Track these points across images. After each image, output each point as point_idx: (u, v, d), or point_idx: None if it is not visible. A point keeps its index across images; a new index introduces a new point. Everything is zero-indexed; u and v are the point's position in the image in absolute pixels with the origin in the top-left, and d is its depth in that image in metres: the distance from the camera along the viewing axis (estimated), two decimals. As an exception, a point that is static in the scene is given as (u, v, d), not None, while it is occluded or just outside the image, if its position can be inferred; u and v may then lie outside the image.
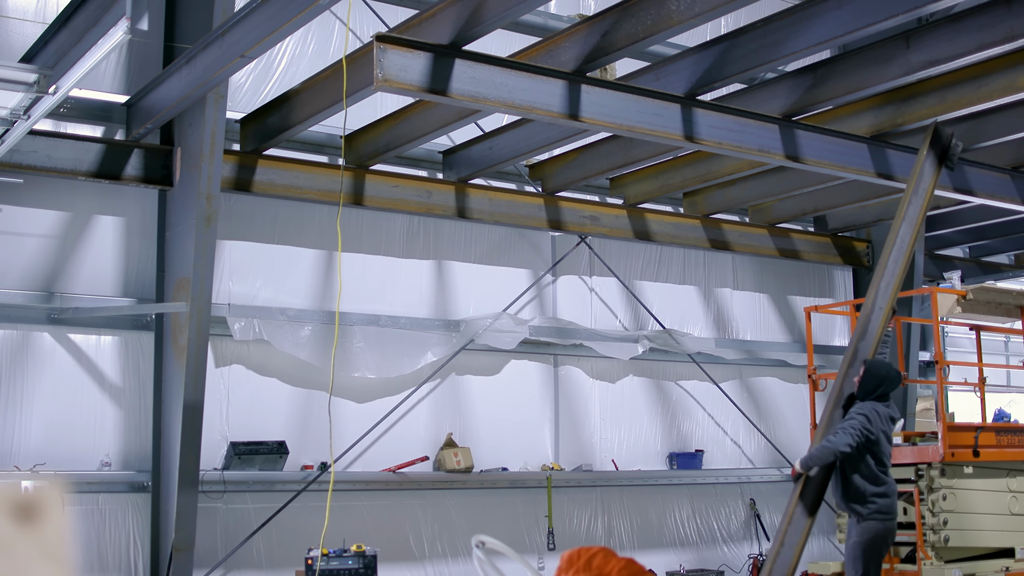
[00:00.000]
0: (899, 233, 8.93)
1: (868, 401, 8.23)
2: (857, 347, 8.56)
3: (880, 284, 8.70)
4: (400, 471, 11.10)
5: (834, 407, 8.41)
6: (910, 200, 9.01)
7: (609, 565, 2.65)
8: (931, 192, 9.10)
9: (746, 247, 13.69)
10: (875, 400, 8.23)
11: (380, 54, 7.36)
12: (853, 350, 8.54)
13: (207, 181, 9.20)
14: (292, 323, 10.69)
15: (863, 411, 8.12)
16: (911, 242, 8.90)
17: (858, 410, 8.16)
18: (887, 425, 8.21)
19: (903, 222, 8.95)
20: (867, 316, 8.66)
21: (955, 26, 8.34)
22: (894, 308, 8.90)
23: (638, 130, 8.73)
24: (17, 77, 6.95)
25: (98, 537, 9.62)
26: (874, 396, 8.24)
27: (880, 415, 8.16)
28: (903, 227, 8.94)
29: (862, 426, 8.01)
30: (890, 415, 8.28)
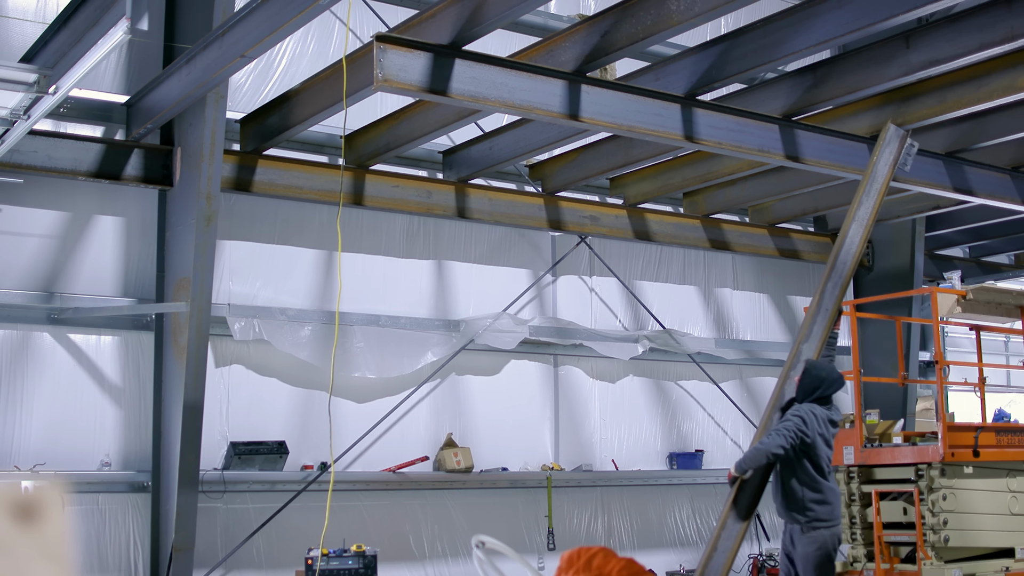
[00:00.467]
0: (848, 234, 8.60)
1: (807, 403, 7.89)
2: (800, 349, 8.28)
3: (827, 286, 8.41)
4: (400, 471, 11.10)
5: (773, 409, 8.15)
6: (861, 201, 8.67)
7: (609, 565, 2.65)
8: (883, 193, 8.77)
9: (746, 247, 13.70)
10: (815, 402, 7.88)
11: (380, 54, 7.36)
12: (795, 351, 8.28)
13: (207, 181, 9.20)
14: (292, 323, 10.69)
15: (799, 413, 7.78)
16: (861, 243, 8.57)
17: (794, 412, 7.83)
18: (826, 428, 7.85)
19: (853, 222, 8.62)
20: (812, 318, 8.37)
21: (955, 26, 8.34)
22: (840, 310, 8.61)
23: (638, 130, 8.73)
24: (17, 77, 6.96)
25: (98, 537, 9.62)
26: (813, 398, 7.89)
27: (818, 418, 7.81)
28: (853, 227, 8.61)
29: (797, 428, 7.67)
30: (830, 418, 7.92)
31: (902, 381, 11.88)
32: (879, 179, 8.79)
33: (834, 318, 8.44)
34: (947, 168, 10.83)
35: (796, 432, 7.67)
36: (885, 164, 8.82)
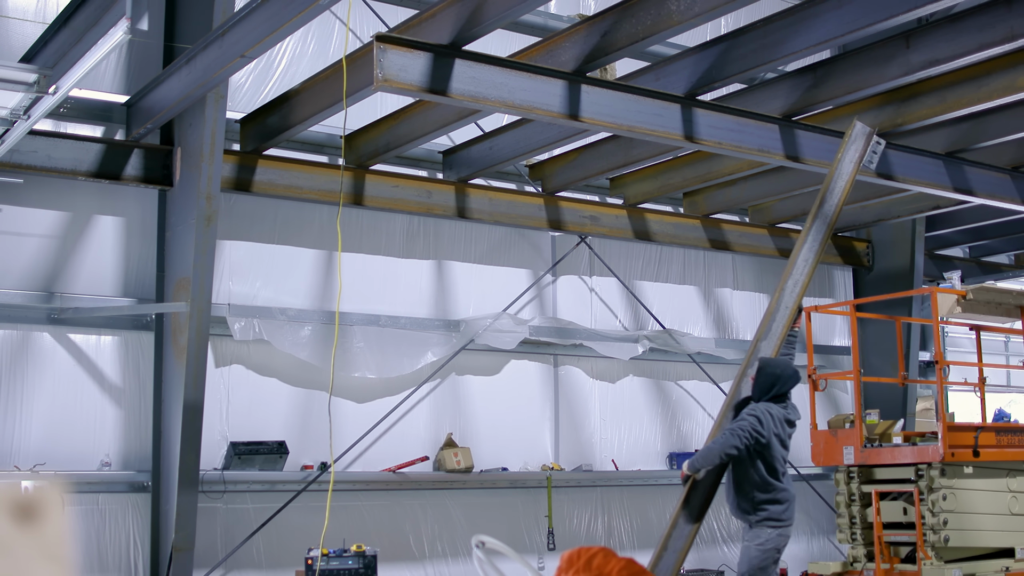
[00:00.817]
0: (811, 230, 8.30)
1: (762, 402, 7.72)
2: (757, 346, 8.05)
3: (787, 282, 8.14)
4: (400, 471, 11.10)
5: (728, 408, 7.99)
6: (824, 198, 8.36)
7: (609, 565, 2.65)
8: (848, 190, 8.47)
9: (746, 247, 13.70)
10: (771, 401, 7.72)
11: (380, 54, 7.36)
12: (753, 349, 8.06)
13: (207, 181, 9.20)
14: (292, 323, 10.69)
15: (754, 412, 7.61)
16: (823, 240, 8.29)
17: (749, 411, 7.66)
18: (781, 428, 7.69)
19: (816, 219, 8.33)
20: (771, 315, 8.14)
21: (955, 26, 8.34)
22: (800, 307, 8.34)
23: (638, 130, 8.73)
24: (17, 77, 6.96)
25: (98, 537, 9.62)
26: (769, 396, 7.73)
27: (774, 417, 7.64)
28: (816, 224, 8.33)
29: (751, 427, 7.51)
30: (786, 417, 7.75)
31: (902, 381, 11.88)
32: (843, 177, 8.47)
33: (793, 316, 8.16)
34: (947, 168, 10.83)
35: (751, 432, 7.52)
36: (850, 162, 8.52)
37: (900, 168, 10.41)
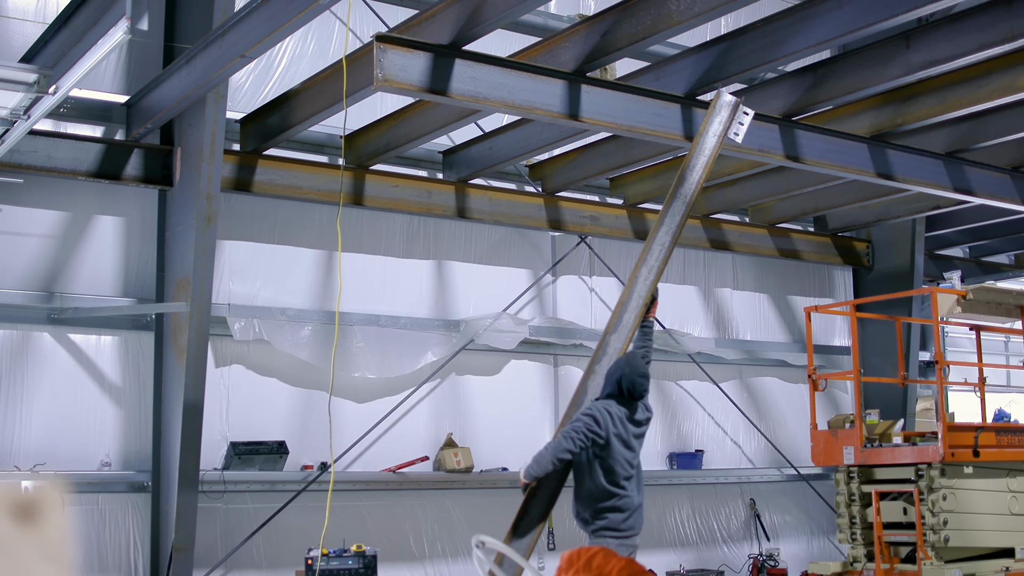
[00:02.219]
0: (668, 211, 7.51)
1: (601, 400, 7.05)
2: (607, 339, 7.28)
3: (641, 269, 7.44)
4: (400, 471, 11.10)
5: (572, 408, 7.30)
6: (684, 176, 7.55)
7: (609, 565, 2.65)
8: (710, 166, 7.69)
9: (746, 247, 13.69)
10: (615, 399, 7.01)
11: (380, 54, 7.36)
12: (601, 344, 7.32)
13: (207, 181, 9.20)
14: (292, 323, 10.69)
15: (590, 411, 6.94)
16: (681, 222, 7.54)
17: (585, 410, 6.99)
18: (623, 427, 6.98)
19: (674, 200, 7.53)
20: (622, 304, 7.38)
21: (955, 26, 8.34)
22: (655, 296, 7.56)
23: (638, 130, 8.73)
24: (17, 77, 6.95)
25: (98, 537, 9.62)
26: (611, 395, 7.02)
27: (614, 416, 6.93)
28: (675, 205, 7.52)
29: (587, 428, 6.85)
30: (628, 416, 7.02)
31: (902, 381, 11.88)
32: (705, 153, 7.65)
33: (646, 306, 7.41)
34: (947, 168, 10.82)
35: (585, 433, 6.86)
36: (713, 135, 7.68)
37: (900, 168, 10.40)
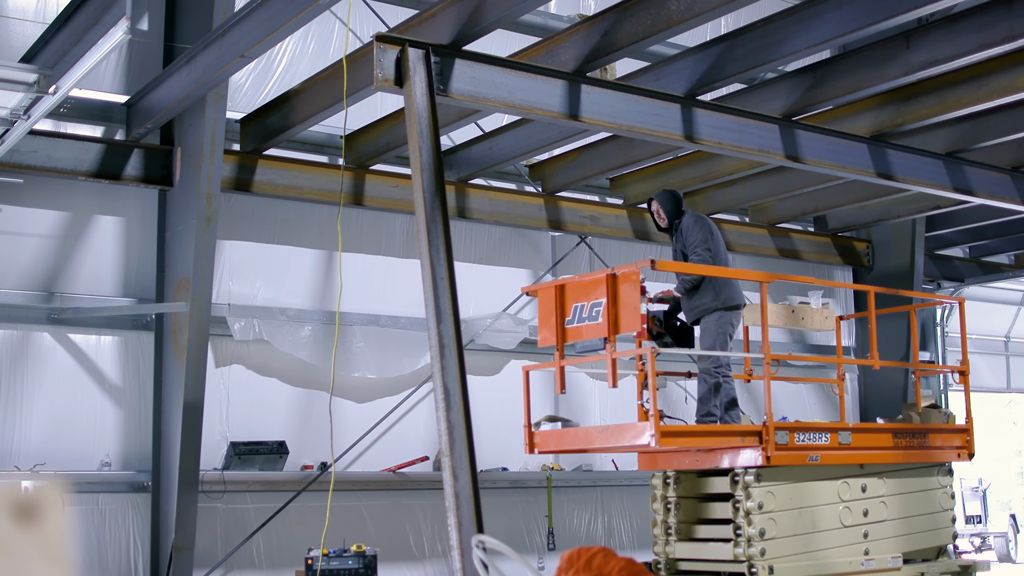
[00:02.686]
0: (423, 185, 6.95)
1: None
2: (440, 333, 6.83)
3: (431, 253, 6.90)
4: (400, 471, 11.10)
5: None
6: (420, 148, 6.93)
7: (609, 565, 2.65)
8: (436, 124, 7.06)
9: (746, 247, 13.69)
10: None
11: (380, 54, 7.36)
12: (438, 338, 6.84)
13: (207, 181, 9.20)
14: (292, 323, 10.70)
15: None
16: (440, 189, 7.00)
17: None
18: None
19: (424, 172, 6.95)
20: (433, 295, 6.86)
21: (955, 26, 8.34)
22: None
23: (638, 130, 8.73)
24: (17, 77, 6.96)
25: (98, 537, 9.62)
26: None
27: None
28: (425, 177, 6.94)
29: None
30: None
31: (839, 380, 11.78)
32: (424, 114, 7.05)
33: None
34: (947, 168, 10.82)
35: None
36: (422, 95, 7.11)
37: (900, 168, 10.40)
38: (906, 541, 9.25)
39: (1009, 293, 18.65)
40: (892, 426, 9.65)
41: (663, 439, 7.84)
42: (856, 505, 8.88)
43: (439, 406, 6.66)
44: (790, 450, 8.46)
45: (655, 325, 8.89)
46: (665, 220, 8.96)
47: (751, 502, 8.24)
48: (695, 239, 8.65)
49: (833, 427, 8.96)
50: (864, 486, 8.95)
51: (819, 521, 8.67)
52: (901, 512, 9.27)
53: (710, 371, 8.68)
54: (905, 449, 9.33)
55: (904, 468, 9.35)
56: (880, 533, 9.02)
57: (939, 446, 9.68)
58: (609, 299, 7.80)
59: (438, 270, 6.86)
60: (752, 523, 8.24)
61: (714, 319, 8.57)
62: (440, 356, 6.74)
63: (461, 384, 6.68)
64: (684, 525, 8.82)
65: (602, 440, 8.44)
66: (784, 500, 8.44)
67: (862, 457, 8.98)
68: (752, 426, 8.49)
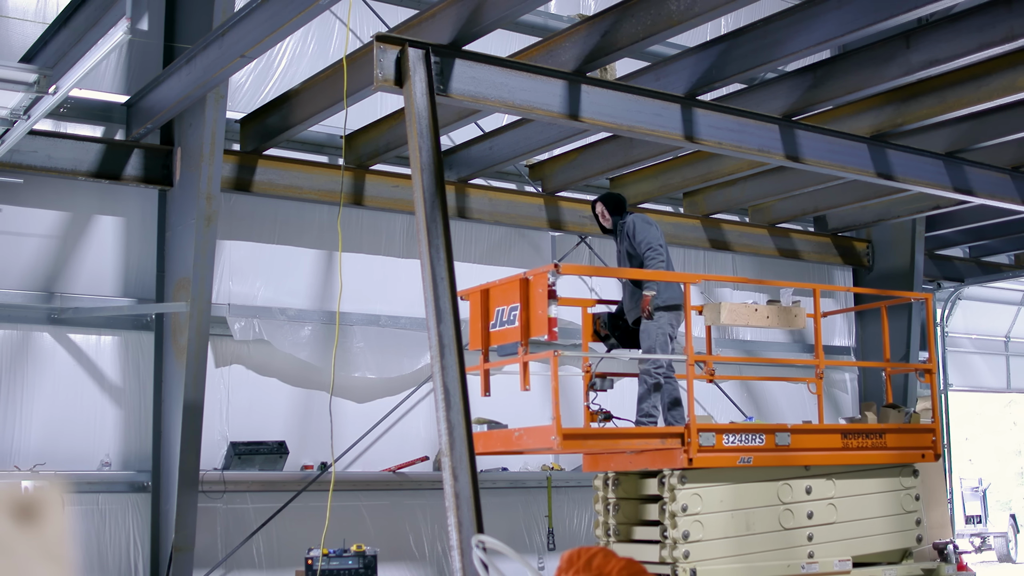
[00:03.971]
0: (423, 184, 6.95)
1: None
2: (440, 333, 6.85)
3: (431, 253, 6.94)
4: (400, 471, 11.10)
5: None
6: (420, 147, 6.92)
7: (609, 565, 2.65)
8: (436, 124, 7.06)
9: (746, 247, 13.69)
10: None
11: (380, 54, 7.36)
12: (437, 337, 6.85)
13: (207, 181, 9.20)
14: (292, 323, 10.70)
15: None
16: (441, 189, 7.01)
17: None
18: None
19: (424, 172, 6.95)
20: (433, 295, 6.86)
21: (955, 26, 8.34)
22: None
23: (638, 130, 8.72)
24: (17, 77, 6.96)
25: (98, 537, 9.62)
26: None
27: None
28: (425, 177, 6.95)
29: None
30: None
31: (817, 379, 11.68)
32: (424, 114, 7.05)
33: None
34: (947, 168, 10.82)
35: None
36: (423, 95, 7.11)
37: (900, 168, 10.39)
38: (860, 544, 8.94)
39: (1009, 293, 18.65)
40: (842, 427, 9.34)
41: (565, 442, 7.86)
42: (799, 507, 8.63)
43: (439, 406, 6.68)
44: (717, 452, 8.22)
45: (601, 327, 8.93)
46: (609, 221, 8.90)
47: (675, 504, 8.09)
48: (643, 239, 8.56)
49: (770, 428, 8.74)
50: (809, 488, 8.68)
51: (755, 523, 8.43)
52: (854, 515, 8.95)
53: (650, 371, 8.59)
54: (857, 450, 9.00)
55: (859, 469, 9.03)
56: (827, 536, 8.72)
57: (899, 447, 9.31)
58: (522, 303, 7.82)
59: (438, 270, 6.89)
60: (677, 525, 8.08)
61: (654, 319, 8.50)
62: (440, 356, 6.74)
63: (461, 384, 6.69)
64: (624, 526, 8.69)
65: (518, 443, 8.42)
66: (713, 502, 8.24)
67: (806, 458, 8.71)
68: (674, 428, 8.26)
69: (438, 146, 7.01)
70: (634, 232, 8.63)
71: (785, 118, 9.64)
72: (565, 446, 7.86)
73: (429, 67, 7.25)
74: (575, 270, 8.50)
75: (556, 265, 7.80)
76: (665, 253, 8.61)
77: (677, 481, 8.15)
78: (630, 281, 8.72)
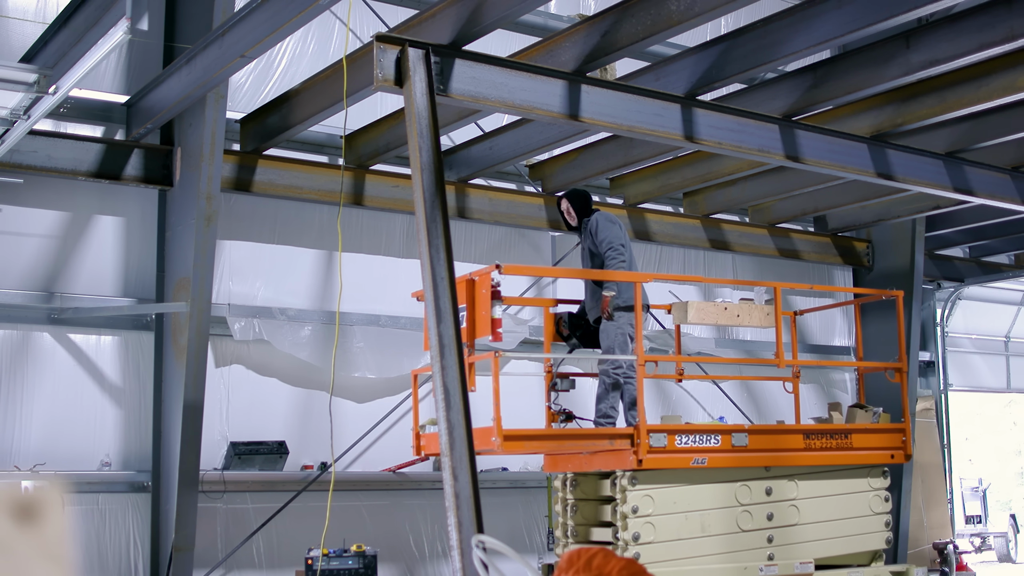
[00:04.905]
0: (423, 184, 6.94)
1: None
2: (440, 333, 6.78)
3: (430, 252, 6.89)
4: (400, 471, 11.10)
5: None
6: (420, 148, 6.91)
7: (609, 565, 2.65)
8: (436, 124, 7.05)
9: (746, 247, 13.69)
10: None
11: (380, 54, 7.36)
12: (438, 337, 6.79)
13: (207, 181, 9.21)
14: (292, 323, 10.70)
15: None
16: (441, 189, 6.97)
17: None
18: None
19: (424, 172, 6.93)
20: (433, 295, 6.81)
21: (955, 26, 8.34)
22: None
23: (638, 130, 8.73)
24: (17, 77, 6.96)
25: (98, 537, 9.62)
26: None
27: None
28: (425, 177, 6.92)
29: None
30: None
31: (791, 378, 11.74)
32: (424, 114, 7.02)
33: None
34: (947, 168, 10.82)
35: None
36: (422, 94, 7.09)
37: (900, 168, 10.39)
38: (824, 546, 8.85)
39: (1009, 293, 18.65)
40: (804, 427, 9.23)
41: (506, 443, 7.89)
42: (759, 509, 8.54)
43: (439, 406, 6.67)
44: (669, 453, 8.15)
45: (563, 327, 8.91)
46: (575, 219, 8.90)
47: (626, 506, 8.06)
48: (605, 238, 8.55)
49: (726, 429, 8.66)
50: (769, 489, 8.61)
51: (711, 526, 8.35)
52: (818, 516, 8.85)
53: (608, 371, 8.56)
54: (821, 451, 8.90)
55: (824, 470, 8.93)
56: (788, 538, 8.64)
57: (866, 447, 9.18)
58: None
59: (438, 270, 6.83)
60: (627, 527, 8.03)
61: (614, 319, 8.46)
62: (440, 356, 6.71)
63: (461, 384, 6.69)
64: (582, 527, 8.67)
65: None
66: (666, 504, 8.18)
67: (766, 459, 8.63)
68: (625, 429, 8.21)
69: (438, 146, 7.02)
70: (596, 230, 8.61)
71: (785, 118, 9.64)
72: (506, 447, 7.87)
73: (429, 67, 7.25)
74: (519, 270, 8.48)
75: (498, 265, 7.74)
76: (627, 253, 8.57)
77: (628, 482, 8.10)
78: (592, 280, 8.70)
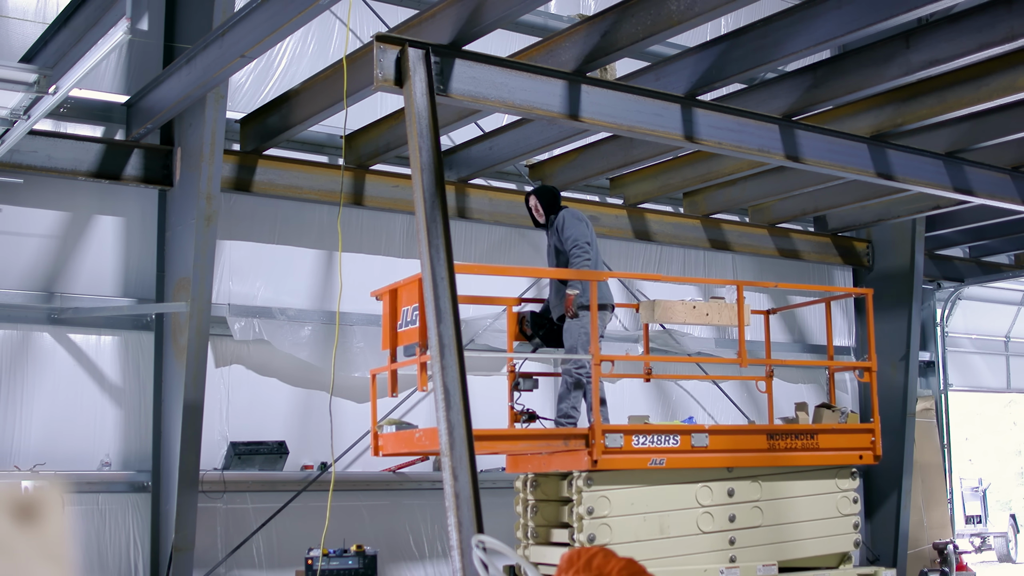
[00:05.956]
0: (423, 184, 6.92)
1: None
2: (439, 333, 6.79)
3: (430, 252, 6.90)
4: (400, 471, 11.10)
5: None
6: (420, 148, 6.90)
7: (609, 565, 2.65)
8: (436, 124, 7.05)
9: (746, 247, 13.69)
10: None
11: (380, 54, 7.36)
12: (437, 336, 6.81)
13: (207, 181, 9.21)
14: (292, 323, 10.70)
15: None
16: (440, 189, 6.97)
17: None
18: None
19: (423, 172, 6.92)
20: (432, 295, 6.85)
21: (955, 26, 8.34)
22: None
23: (638, 130, 8.73)
24: (17, 77, 6.96)
25: (98, 537, 9.62)
26: None
27: None
28: (425, 177, 6.91)
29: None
30: None
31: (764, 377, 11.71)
32: (424, 114, 7.02)
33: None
34: (947, 168, 10.82)
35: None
36: (422, 94, 7.07)
37: (900, 168, 10.39)
38: (789, 548, 8.73)
39: (1009, 293, 18.65)
40: (767, 427, 9.12)
41: None
42: (720, 510, 8.43)
43: (439, 406, 6.68)
44: (625, 453, 8.06)
45: (526, 326, 8.87)
46: (543, 215, 8.83)
47: (582, 507, 7.97)
48: (571, 235, 8.48)
49: (686, 429, 8.54)
50: (731, 490, 8.49)
51: (670, 527, 8.24)
52: (782, 518, 8.73)
53: (570, 371, 8.51)
54: (786, 451, 8.79)
55: (790, 471, 8.82)
56: (751, 540, 8.53)
57: (834, 448, 9.07)
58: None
59: (438, 270, 6.85)
60: (583, 529, 7.95)
61: (578, 318, 8.40)
62: (440, 356, 6.71)
63: (461, 384, 6.69)
64: (542, 528, 8.61)
65: (418, 444, 8.31)
66: (623, 505, 8.09)
67: (727, 460, 8.52)
68: (580, 429, 8.13)
69: (438, 146, 7.01)
70: (563, 227, 8.55)
71: (785, 118, 9.64)
72: None
73: (429, 67, 7.24)
74: (472, 269, 8.37)
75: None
76: (593, 251, 8.49)
77: (583, 483, 8.00)
78: (556, 279, 8.67)
